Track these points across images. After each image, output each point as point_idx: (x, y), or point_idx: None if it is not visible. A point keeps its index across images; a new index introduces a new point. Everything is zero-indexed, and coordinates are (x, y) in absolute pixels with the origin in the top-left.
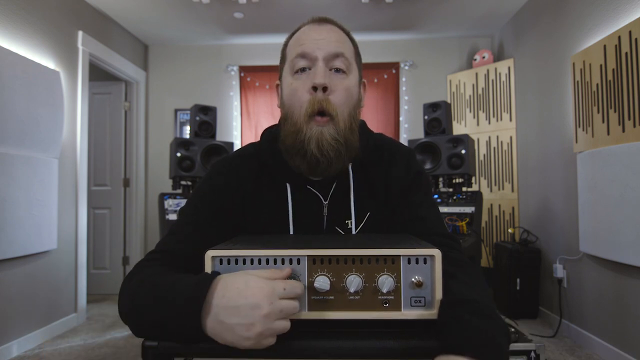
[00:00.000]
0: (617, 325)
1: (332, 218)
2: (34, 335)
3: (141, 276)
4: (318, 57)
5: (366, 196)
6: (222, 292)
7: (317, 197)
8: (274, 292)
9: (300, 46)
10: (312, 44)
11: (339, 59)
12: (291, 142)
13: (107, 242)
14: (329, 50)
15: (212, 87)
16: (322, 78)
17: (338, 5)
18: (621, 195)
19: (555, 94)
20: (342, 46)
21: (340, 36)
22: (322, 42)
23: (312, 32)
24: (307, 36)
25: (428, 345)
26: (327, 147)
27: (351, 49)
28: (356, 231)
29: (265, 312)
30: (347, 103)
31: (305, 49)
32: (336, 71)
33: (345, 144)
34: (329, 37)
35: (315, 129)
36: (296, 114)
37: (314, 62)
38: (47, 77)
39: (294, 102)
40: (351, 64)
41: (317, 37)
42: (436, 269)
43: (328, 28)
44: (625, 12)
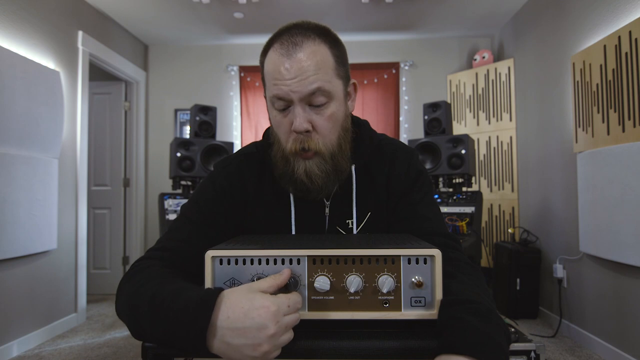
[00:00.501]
0: (617, 325)
1: (334, 218)
2: (34, 335)
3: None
4: (294, 99)
5: (368, 196)
6: (227, 312)
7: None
8: (279, 310)
9: (274, 87)
10: (284, 86)
11: (316, 95)
12: (282, 169)
13: (107, 242)
14: (303, 91)
15: (212, 87)
16: (300, 125)
17: (338, 5)
18: (621, 195)
19: (555, 94)
20: (317, 78)
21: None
22: (294, 82)
23: (282, 68)
24: (279, 74)
25: (428, 345)
26: (315, 178)
27: (330, 67)
28: (357, 231)
29: (272, 332)
30: (333, 129)
31: (279, 92)
32: (317, 105)
33: (334, 169)
34: (301, 73)
35: (302, 162)
36: (282, 146)
37: (291, 103)
38: (47, 77)
39: (279, 134)
40: (331, 90)
41: (288, 76)
42: (436, 269)
43: (299, 58)
44: (625, 12)
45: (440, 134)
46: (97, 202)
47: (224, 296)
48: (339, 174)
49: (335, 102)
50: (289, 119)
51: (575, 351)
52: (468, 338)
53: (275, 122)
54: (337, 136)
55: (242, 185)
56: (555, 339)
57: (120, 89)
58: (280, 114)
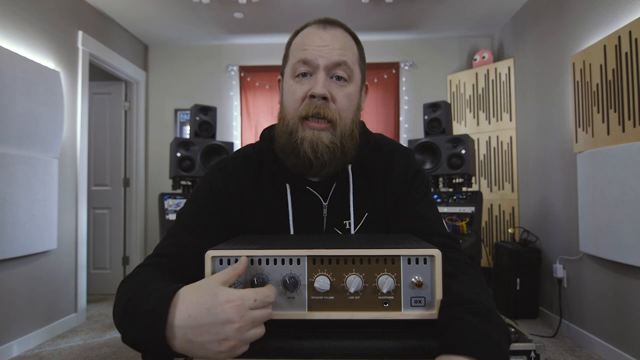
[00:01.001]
0: (617, 325)
1: (332, 219)
2: (34, 335)
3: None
4: (320, 65)
5: (365, 196)
6: (187, 311)
7: (317, 198)
8: (243, 304)
9: (303, 51)
10: (314, 50)
11: (341, 68)
12: (285, 141)
13: (107, 242)
14: (331, 58)
15: (212, 87)
16: (321, 88)
17: (338, 5)
18: (621, 195)
19: (555, 94)
20: (345, 53)
21: (345, 41)
22: (325, 49)
23: (315, 36)
24: (311, 41)
25: (428, 345)
26: (322, 150)
27: (355, 55)
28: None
29: (237, 326)
30: (349, 109)
31: (308, 56)
32: (337, 79)
33: (342, 149)
34: (333, 43)
35: (310, 132)
36: (290, 115)
37: (315, 70)
38: (47, 77)
39: (290, 104)
40: (353, 71)
41: (320, 43)
42: (436, 269)
43: (332, 33)
44: (625, 12)
45: (440, 134)
46: (97, 202)
47: (180, 295)
48: (345, 156)
49: (353, 86)
50: (307, 86)
51: (575, 351)
52: (468, 338)
53: (290, 91)
54: (351, 119)
55: (239, 186)
56: (555, 339)
57: (120, 89)
58: (297, 82)
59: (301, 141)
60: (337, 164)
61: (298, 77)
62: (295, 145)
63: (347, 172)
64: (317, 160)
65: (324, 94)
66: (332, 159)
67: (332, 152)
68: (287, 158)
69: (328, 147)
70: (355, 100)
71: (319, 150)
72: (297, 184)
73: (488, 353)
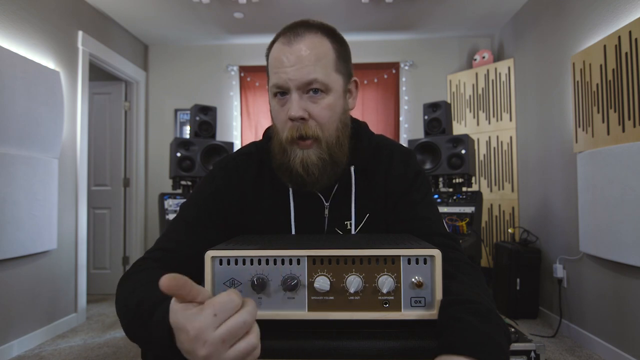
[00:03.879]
0: (617, 325)
1: (333, 219)
2: (34, 335)
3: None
4: (290, 87)
5: (366, 197)
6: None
7: (319, 198)
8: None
9: (275, 75)
10: (283, 73)
11: (313, 85)
12: (279, 160)
13: (107, 242)
14: (301, 79)
15: (212, 87)
16: (296, 111)
17: (338, 5)
18: (621, 195)
19: (555, 94)
20: (314, 70)
21: (315, 52)
22: (292, 70)
23: (282, 56)
24: (279, 62)
25: (428, 345)
26: (312, 168)
27: (330, 61)
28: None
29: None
30: (331, 119)
31: (278, 81)
32: (314, 92)
33: (331, 161)
34: (300, 61)
35: (299, 152)
36: (279, 136)
37: (288, 92)
38: (47, 77)
39: (277, 124)
40: (328, 83)
41: (287, 64)
42: (436, 269)
43: (298, 48)
44: (625, 12)
45: (440, 134)
46: (97, 202)
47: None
48: (336, 166)
49: (332, 95)
50: (286, 108)
51: (575, 351)
52: (468, 338)
53: (275, 112)
54: (335, 127)
55: (241, 184)
56: (555, 339)
57: (120, 89)
58: (278, 103)
59: (293, 161)
60: (329, 175)
61: (277, 96)
62: (288, 164)
63: (349, 173)
64: (309, 177)
65: (300, 116)
66: (323, 173)
67: (321, 168)
68: (282, 175)
69: (316, 165)
70: (338, 107)
71: (309, 168)
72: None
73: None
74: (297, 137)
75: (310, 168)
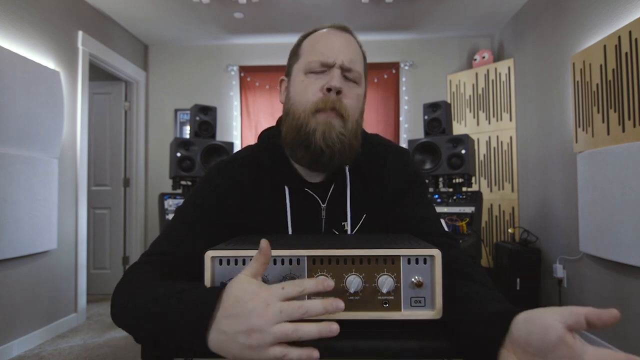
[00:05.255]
0: (617, 325)
1: (330, 220)
2: (34, 335)
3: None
4: (336, 63)
5: (363, 197)
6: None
7: (315, 200)
8: (270, 293)
9: (320, 49)
10: (332, 50)
11: (352, 71)
12: (294, 135)
13: (107, 242)
14: (347, 60)
15: (212, 87)
16: (338, 82)
17: (338, 5)
18: (621, 195)
19: (555, 94)
20: (356, 59)
21: (356, 49)
22: (341, 51)
23: (333, 37)
24: (328, 41)
25: (427, 345)
26: (334, 139)
27: (362, 63)
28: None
29: (262, 313)
30: (356, 109)
31: (326, 53)
32: (348, 79)
33: (349, 143)
34: (347, 47)
35: (323, 119)
36: (301, 108)
37: (330, 68)
38: (47, 77)
39: (302, 98)
40: (361, 77)
41: (338, 44)
42: (436, 269)
43: (346, 38)
44: (625, 12)
45: (440, 134)
46: (97, 202)
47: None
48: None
49: (360, 89)
50: (322, 81)
51: None
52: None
53: (302, 88)
54: (356, 120)
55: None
56: None
57: (120, 89)
58: (310, 79)
59: (313, 131)
60: (344, 157)
61: (312, 73)
62: (307, 136)
63: (344, 174)
64: (328, 149)
65: (340, 88)
66: (342, 151)
67: (342, 143)
68: (296, 151)
69: (339, 137)
70: (361, 102)
71: (330, 138)
72: (296, 186)
73: None
74: (329, 108)
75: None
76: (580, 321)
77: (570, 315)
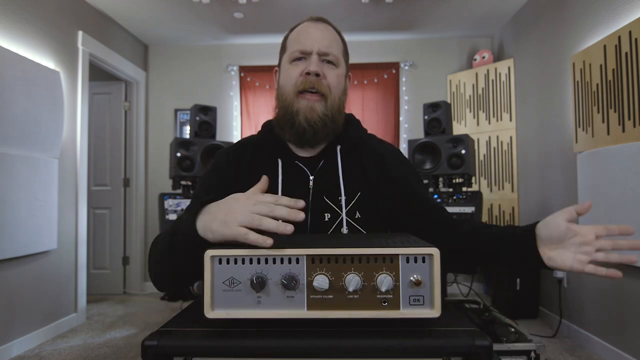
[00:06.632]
0: (617, 325)
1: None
2: (34, 335)
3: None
4: (313, 50)
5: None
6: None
7: (304, 171)
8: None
9: (299, 40)
10: (309, 40)
11: (330, 55)
12: (282, 115)
13: (107, 242)
14: (322, 46)
15: (212, 87)
16: (315, 66)
17: (338, 5)
18: (621, 195)
19: (555, 94)
20: (333, 45)
21: (332, 35)
22: (316, 39)
23: (310, 28)
24: (307, 32)
25: (427, 344)
26: (315, 120)
27: (340, 47)
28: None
29: (243, 200)
30: (337, 87)
31: (304, 43)
32: (327, 62)
33: (332, 120)
34: (323, 35)
35: (305, 103)
36: (287, 92)
37: (309, 55)
38: (47, 77)
39: (287, 82)
40: (339, 59)
41: (313, 34)
42: (435, 267)
43: (322, 27)
44: (625, 12)
45: (440, 134)
46: (97, 202)
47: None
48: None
49: (340, 70)
50: (302, 67)
51: (575, 351)
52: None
53: (287, 74)
54: (339, 96)
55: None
56: (555, 339)
57: (120, 89)
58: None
59: (297, 112)
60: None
61: (295, 61)
62: (292, 116)
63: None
64: (310, 128)
65: (317, 71)
66: (324, 128)
67: (323, 122)
68: (283, 129)
69: (320, 118)
70: (342, 82)
71: (312, 119)
72: (288, 159)
73: None
74: (308, 89)
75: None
76: (572, 214)
77: (567, 213)
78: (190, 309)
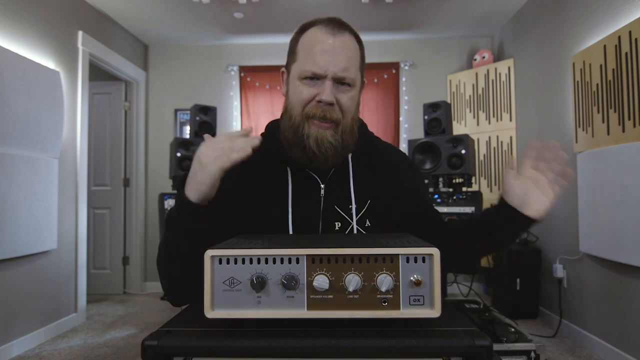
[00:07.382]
0: (617, 325)
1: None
2: (34, 335)
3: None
4: (328, 75)
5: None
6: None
7: (315, 179)
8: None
9: (312, 59)
10: (323, 61)
11: (345, 78)
12: (291, 136)
13: (107, 242)
14: (338, 69)
15: (212, 87)
16: (328, 96)
17: (338, 5)
18: (621, 195)
19: (555, 94)
20: (350, 63)
21: (352, 49)
22: (333, 59)
23: (325, 44)
24: (320, 48)
25: (426, 344)
26: (326, 147)
27: (358, 60)
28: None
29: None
30: (351, 109)
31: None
32: (342, 84)
33: (342, 145)
34: (341, 53)
35: (315, 129)
36: (296, 112)
37: (322, 78)
38: (47, 77)
39: (297, 103)
40: (356, 79)
41: (330, 52)
42: (435, 267)
43: (341, 40)
44: (625, 12)
45: (440, 134)
46: (97, 202)
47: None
48: (345, 151)
49: (355, 89)
50: (315, 90)
51: (575, 351)
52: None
53: (297, 91)
54: (352, 117)
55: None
56: (555, 339)
57: (120, 89)
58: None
59: (307, 137)
60: (338, 158)
61: (306, 79)
62: (302, 140)
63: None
64: (321, 155)
65: (331, 101)
66: (334, 154)
67: (334, 148)
68: (293, 151)
69: (331, 144)
70: (356, 101)
71: (323, 146)
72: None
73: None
74: (319, 117)
75: (324, 146)
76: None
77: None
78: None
